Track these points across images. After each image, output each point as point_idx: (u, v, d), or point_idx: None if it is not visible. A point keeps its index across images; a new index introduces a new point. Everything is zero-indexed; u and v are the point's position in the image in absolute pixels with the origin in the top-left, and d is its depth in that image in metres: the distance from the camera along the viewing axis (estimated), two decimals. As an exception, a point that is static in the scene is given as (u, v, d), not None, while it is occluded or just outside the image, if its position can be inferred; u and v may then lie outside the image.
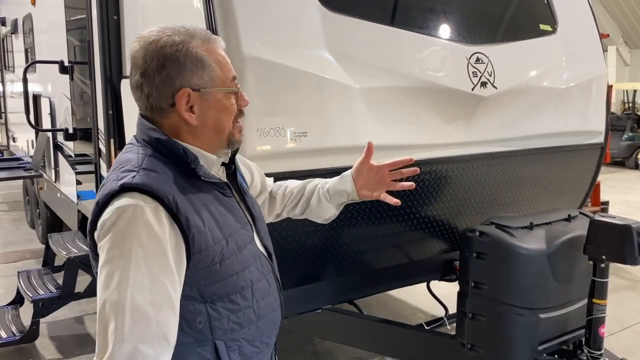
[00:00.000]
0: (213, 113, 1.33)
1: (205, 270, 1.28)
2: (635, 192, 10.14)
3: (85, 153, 4.02)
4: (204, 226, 1.26)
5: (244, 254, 1.37)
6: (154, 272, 1.18)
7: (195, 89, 1.30)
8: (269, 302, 1.44)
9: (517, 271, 2.36)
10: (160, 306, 1.18)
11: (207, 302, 1.30)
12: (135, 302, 1.16)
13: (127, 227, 1.18)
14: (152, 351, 1.17)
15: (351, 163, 2.50)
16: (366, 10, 2.54)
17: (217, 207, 1.34)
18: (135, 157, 1.29)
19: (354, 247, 2.78)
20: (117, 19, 3.03)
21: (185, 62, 1.28)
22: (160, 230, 1.20)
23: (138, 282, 1.17)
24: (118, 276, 1.16)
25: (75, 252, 3.85)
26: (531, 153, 3.23)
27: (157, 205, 1.21)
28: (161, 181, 1.24)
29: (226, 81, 1.34)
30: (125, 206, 1.19)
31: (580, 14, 3.56)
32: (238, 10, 2.18)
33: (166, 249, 1.20)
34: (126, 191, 1.21)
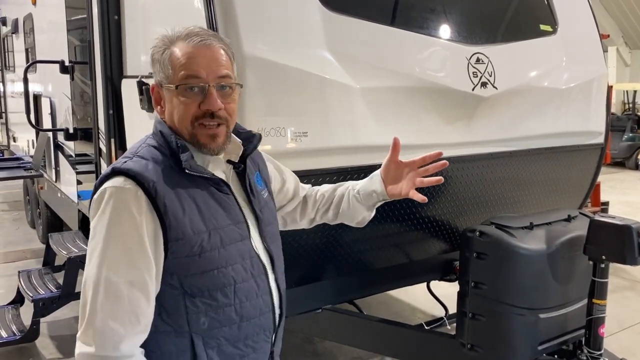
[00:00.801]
0: (169, 108, 1.41)
1: (184, 259, 1.32)
2: (635, 192, 10.14)
3: (86, 153, 4.03)
4: (184, 215, 1.31)
5: (229, 250, 1.38)
6: (129, 253, 1.25)
7: (158, 84, 1.41)
8: (256, 304, 1.43)
9: (517, 271, 2.37)
10: (132, 286, 1.25)
11: (186, 294, 1.33)
12: (108, 279, 1.23)
13: (109, 207, 1.26)
14: (122, 329, 1.23)
15: (352, 163, 2.54)
16: (367, 11, 2.54)
17: (206, 200, 1.37)
18: (137, 146, 1.39)
19: (354, 247, 2.78)
20: (117, 18, 3.03)
21: (154, 62, 1.41)
22: (137, 213, 1.27)
23: (114, 260, 1.24)
24: (97, 253, 1.25)
25: (76, 251, 3.85)
26: (531, 153, 3.23)
27: (137, 189, 1.27)
28: (147, 168, 1.31)
29: (173, 79, 1.37)
30: (110, 187, 1.28)
31: (580, 15, 3.56)
32: (239, 10, 2.18)
33: (142, 232, 1.27)
34: (115, 175, 1.30)
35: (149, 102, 2.67)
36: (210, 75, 1.35)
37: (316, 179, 2.45)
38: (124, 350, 1.24)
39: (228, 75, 1.39)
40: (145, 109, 2.69)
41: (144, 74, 2.73)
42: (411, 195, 1.72)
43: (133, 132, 3.02)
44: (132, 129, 3.01)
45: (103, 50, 3.06)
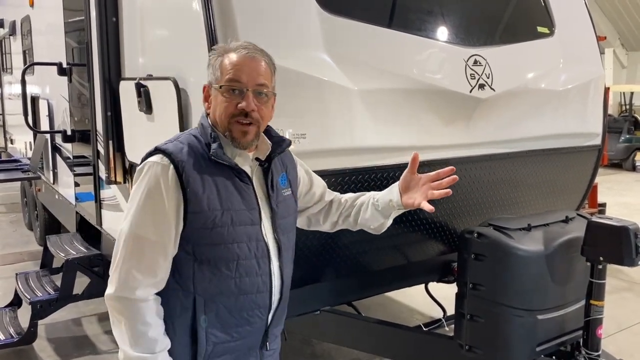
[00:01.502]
0: (213, 106, 1.67)
1: (199, 230, 1.57)
2: (632, 194, 10.17)
3: (84, 155, 4.02)
4: (203, 193, 1.56)
5: (237, 230, 1.61)
6: (155, 218, 1.53)
7: (209, 84, 1.68)
8: (254, 282, 1.65)
9: (515, 272, 2.37)
10: (154, 245, 1.53)
11: (196, 261, 1.59)
12: (137, 235, 1.53)
13: (146, 177, 1.56)
14: (140, 277, 1.52)
15: (349, 165, 2.54)
16: (364, 13, 2.54)
17: (226, 185, 1.61)
18: (182, 135, 1.68)
19: (353, 249, 2.78)
20: (115, 20, 3.03)
21: (209, 66, 1.68)
22: (165, 185, 1.54)
23: (143, 222, 1.53)
24: (132, 213, 1.55)
25: (74, 253, 3.84)
26: (529, 155, 3.24)
27: (170, 166, 1.55)
28: (182, 150, 1.58)
29: (220, 81, 1.63)
30: (150, 162, 1.58)
31: (577, 16, 3.57)
32: (237, 13, 2.19)
33: (169, 202, 1.54)
34: (156, 152, 1.59)
35: (147, 103, 2.67)
36: (250, 81, 1.61)
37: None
38: (139, 294, 1.52)
39: (265, 84, 1.64)
40: (143, 110, 2.69)
41: (142, 76, 2.73)
42: (422, 206, 1.86)
43: (131, 133, 3.02)
44: (130, 131, 3.01)
45: (101, 52, 3.06)
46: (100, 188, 3.65)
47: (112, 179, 3.16)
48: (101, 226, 3.73)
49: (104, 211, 3.68)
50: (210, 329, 1.61)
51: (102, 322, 4.39)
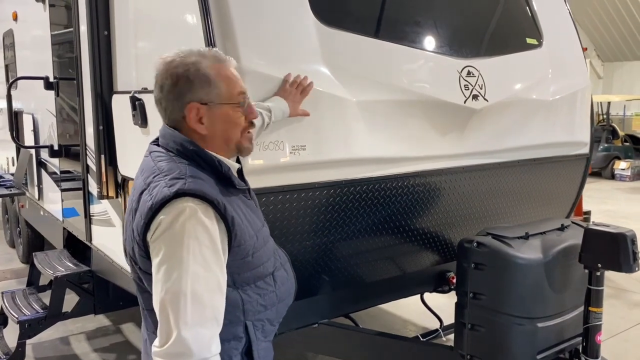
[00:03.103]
0: (220, 124, 1.53)
1: (240, 261, 1.51)
2: (613, 201, 10.35)
3: (71, 170, 3.96)
4: (243, 224, 1.50)
5: (267, 247, 1.64)
6: (208, 263, 1.39)
7: (203, 103, 1.50)
8: (287, 287, 1.73)
9: (516, 281, 2.38)
10: (213, 292, 1.40)
11: (238, 288, 1.54)
12: (194, 290, 1.36)
13: (184, 225, 1.38)
14: (209, 332, 1.39)
15: (348, 176, 2.54)
16: (361, 25, 2.57)
17: (244, 208, 1.56)
18: (176, 167, 1.48)
19: (349, 261, 2.77)
20: (107, 34, 3.01)
21: (194, 80, 1.48)
22: (212, 226, 1.41)
23: (195, 272, 1.37)
24: (178, 268, 1.36)
25: (63, 270, 3.77)
26: (521, 164, 3.27)
27: (207, 207, 1.42)
28: (208, 187, 1.45)
29: (231, 96, 1.53)
30: (181, 207, 1.39)
31: (563, 28, 3.64)
32: (236, 25, 2.19)
33: (217, 242, 1.42)
34: (180, 196, 1.40)
35: (142, 117, 2.64)
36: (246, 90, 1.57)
37: (313, 192, 2.45)
38: (214, 349, 1.41)
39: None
40: (138, 124, 2.66)
41: (136, 89, 2.70)
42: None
43: (123, 148, 2.99)
44: (123, 145, 2.97)
45: (93, 66, 3.02)
46: (90, 203, 3.59)
47: (104, 193, 3.12)
48: (91, 242, 3.67)
49: (94, 226, 3.61)
50: (259, 344, 1.62)
51: (91, 340, 4.30)
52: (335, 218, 2.57)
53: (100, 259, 3.54)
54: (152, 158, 1.54)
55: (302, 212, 2.44)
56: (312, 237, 2.55)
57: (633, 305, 5.13)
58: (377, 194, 2.65)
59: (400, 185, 2.72)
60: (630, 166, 12.73)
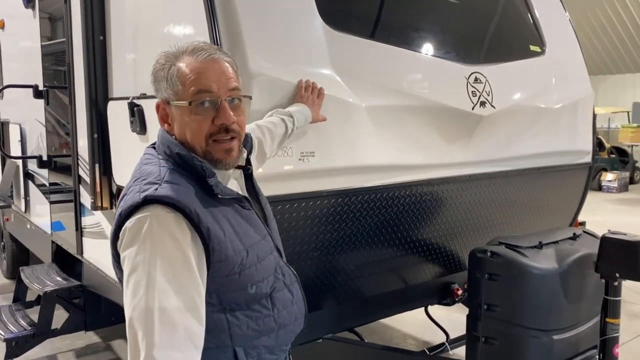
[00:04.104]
0: (177, 125, 1.39)
1: (224, 278, 1.33)
2: (602, 212, 10.39)
3: (61, 181, 3.83)
4: (224, 236, 1.31)
5: (264, 264, 1.42)
6: (179, 279, 1.22)
7: (165, 101, 1.39)
8: (292, 311, 1.49)
9: (531, 291, 2.31)
10: (186, 311, 1.21)
11: (226, 310, 1.35)
12: (162, 308, 1.19)
13: (151, 235, 1.22)
14: (181, 355, 1.20)
15: (356, 184, 2.46)
16: (369, 30, 2.51)
17: (237, 219, 1.38)
18: (157, 170, 1.33)
19: (355, 273, 2.69)
20: (103, 39, 2.91)
21: (159, 78, 1.39)
22: (182, 238, 1.24)
23: (164, 288, 1.20)
24: (145, 283, 1.20)
25: (52, 285, 3.61)
26: (525, 173, 3.22)
27: (178, 216, 1.25)
28: (183, 193, 1.28)
29: (184, 96, 1.35)
30: (148, 216, 1.24)
31: (564, 36, 3.62)
32: (244, 29, 2.10)
33: (189, 256, 1.24)
34: (149, 203, 1.25)
35: (141, 123, 2.54)
36: (221, 89, 1.35)
37: (321, 201, 2.36)
38: None
39: (237, 87, 1.40)
40: (137, 131, 2.55)
41: (134, 95, 2.60)
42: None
43: (119, 156, 2.87)
44: (120, 154, 2.86)
45: (87, 73, 2.92)
46: (82, 215, 3.46)
47: (98, 204, 3.00)
48: (82, 255, 3.53)
49: (86, 239, 3.48)
50: None
51: (80, 357, 4.12)
52: (343, 228, 2.48)
53: (92, 273, 3.40)
54: (140, 161, 1.42)
55: (310, 222, 2.35)
56: (319, 248, 2.45)
57: (633, 316, 5.09)
58: (385, 203, 2.57)
59: (409, 194, 2.64)
60: (617, 178, 12.82)
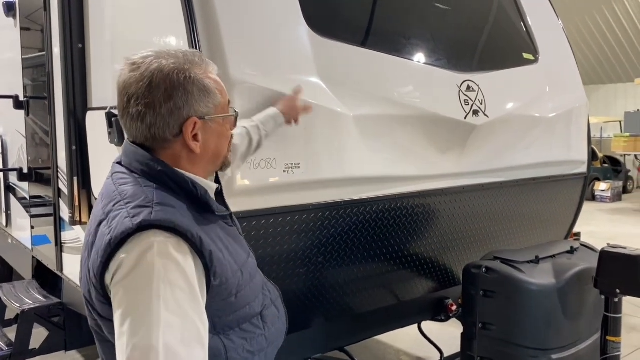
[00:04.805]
0: (214, 139, 1.31)
1: (221, 302, 1.26)
2: (596, 222, 10.33)
3: (42, 194, 3.70)
4: (224, 258, 1.25)
5: (255, 283, 1.38)
6: (183, 309, 1.13)
7: (201, 117, 1.26)
8: (279, 327, 1.47)
9: (529, 309, 2.20)
10: (191, 344, 1.13)
11: (220, 334, 1.28)
12: (167, 344, 1.09)
13: (152, 265, 1.12)
14: None
15: (343, 197, 2.35)
16: (358, 37, 2.41)
17: (226, 237, 1.32)
18: (141, 191, 1.22)
19: (344, 289, 2.58)
20: (82, 47, 2.80)
21: (193, 90, 1.24)
22: (186, 264, 1.15)
23: (168, 322, 1.10)
24: (148, 319, 1.09)
25: (30, 303, 3.47)
26: (521, 184, 3.13)
27: (179, 240, 1.16)
28: (180, 216, 1.19)
29: (225, 107, 1.34)
30: (147, 243, 1.13)
31: (557, 44, 3.55)
32: (225, 37, 2.00)
33: (194, 284, 1.16)
34: (146, 228, 1.14)
35: (119, 135, 2.43)
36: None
37: (307, 215, 2.26)
38: None
39: None
40: (115, 142, 2.44)
41: (112, 105, 2.49)
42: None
43: (98, 169, 2.76)
44: (99, 166, 2.74)
45: (65, 82, 2.80)
46: (62, 230, 3.33)
47: (77, 219, 2.87)
48: (62, 272, 3.39)
49: (66, 255, 3.35)
50: None
51: (61, 378, 3.98)
52: (331, 243, 2.37)
53: (72, 290, 3.27)
54: (113, 181, 1.29)
55: (296, 237, 2.24)
56: (305, 264, 2.34)
57: (630, 329, 4.99)
58: (375, 216, 2.47)
59: (400, 207, 2.54)
60: (610, 187, 12.79)
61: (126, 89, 1.24)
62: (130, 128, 1.27)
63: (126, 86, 1.24)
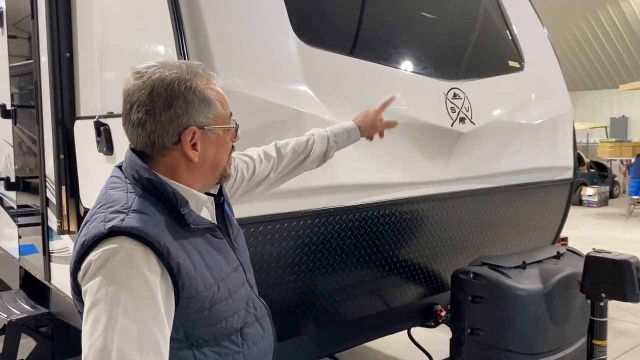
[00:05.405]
0: (213, 150, 1.32)
1: (193, 314, 1.24)
2: (584, 227, 10.42)
3: (30, 204, 3.68)
4: (195, 271, 1.23)
5: (235, 298, 1.34)
6: (142, 318, 1.12)
7: (201, 127, 1.28)
8: (261, 347, 1.42)
9: (516, 314, 2.22)
10: (147, 353, 1.12)
11: (193, 346, 1.27)
12: (121, 349, 1.09)
13: (116, 270, 1.13)
14: None
15: (333, 204, 2.37)
16: (345, 46, 2.44)
17: (208, 250, 1.30)
18: (124, 197, 1.23)
19: (334, 297, 2.58)
20: (70, 56, 2.80)
21: (193, 100, 1.27)
22: (150, 275, 1.15)
23: (125, 327, 1.11)
24: (105, 321, 1.11)
25: (17, 313, 3.44)
26: (507, 190, 3.17)
27: (147, 250, 1.16)
28: (151, 225, 1.19)
29: (226, 118, 1.35)
30: (114, 249, 1.14)
31: (542, 52, 3.60)
32: (214, 46, 2.01)
33: (157, 294, 1.15)
34: (115, 234, 1.15)
35: (107, 143, 2.43)
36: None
37: (297, 222, 2.27)
38: None
39: None
40: (103, 151, 2.44)
41: (101, 114, 2.50)
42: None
43: (87, 178, 2.75)
44: (87, 175, 2.74)
45: (53, 91, 2.80)
46: (50, 239, 3.31)
47: (65, 228, 2.86)
48: (50, 281, 3.37)
49: (54, 264, 3.33)
50: None
51: (49, 389, 3.93)
52: (321, 250, 2.38)
53: (61, 300, 3.25)
54: (106, 184, 1.32)
55: (285, 244, 2.25)
56: (295, 271, 2.35)
57: (618, 333, 5.03)
58: (364, 223, 2.48)
59: (389, 213, 2.56)
60: (597, 192, 12.92)
61: (129, 97, 1.26)
62: (132, 134, 1.29)
63: (129, 93, 1.26)
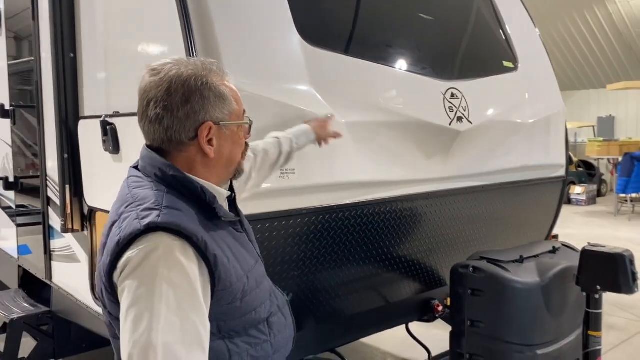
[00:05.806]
0: (228, 145, 1.36)
1: (226, 306, 1.28)
2: (573, 225, 10.56)
3: (29, 203, 3.70)
4: (229, 263, 1.27)
5: (262, 289, 1.40)
6: (184, 311, 1.15)
7: (216, 123, 1.31)
8: (285, 336, 1.48)
9: (515, 306, 2.30)
10: (191, 346, 1.15)
11: (225, 338, 1.31)
12: (166, 343, 1.12)
13: (156, 265, 1.15)
14: None
15: (336, 201, 2.43)
16: (347, 46, 2.50)
17: (234, 243, 1.35)
18: (152, 194, 1.26)
19: (335, 292, 2.64)
20: (74, 56, 2.83)
21: (209, 96, 1.30)
22: (190, 268, 1.18)
23: (169, 321, 1.13)
24: (148, 317, 1.13)
25: (19, 312, 3.46)
26: (503, 187, 3.24)
27: (184, 244, 1.19)
28: (186, 219, 1.22)
29: (240, 115, 1.39)
30: (152, 245, 1.17)
31: (535, 52, 3.68)
32: (221, 46, 2.06)
33: (196, 287, 1.18)
34: (152, 230, 1.18)
35: (114, 142, 2.47)
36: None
37: (302, 219, 2.32)
38: None
39: None
40: (109, 150, 2.48)
41: (107, 114, 2.53)
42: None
43: (91, 177, 2.78)
44: (91, 174, 2.77)
45: (57, 91, 2.83)
46: (51, 238, 3.34)
47: (69, 226, 2.89)
48: (51, 280, 3.40)
49: (55, 263, 3.35)
50: None
51: (49, 387, 3.95)
52: (324, 246, 2.43)
53: (62, 298, 3.27)
54: (127, 184, 1.34)
55: (290, 240, 2.30)
56: (299, 267, 2.40)
57: (608, 327, 5.14)
58: (365, 220, 2.54)
59: (388, 210, 2.62)
60: (585, 191, 13.09)
61: (146, 93, 1.29)
62: (149, 131, 1.32)
63: (146, 90, 1.29)
